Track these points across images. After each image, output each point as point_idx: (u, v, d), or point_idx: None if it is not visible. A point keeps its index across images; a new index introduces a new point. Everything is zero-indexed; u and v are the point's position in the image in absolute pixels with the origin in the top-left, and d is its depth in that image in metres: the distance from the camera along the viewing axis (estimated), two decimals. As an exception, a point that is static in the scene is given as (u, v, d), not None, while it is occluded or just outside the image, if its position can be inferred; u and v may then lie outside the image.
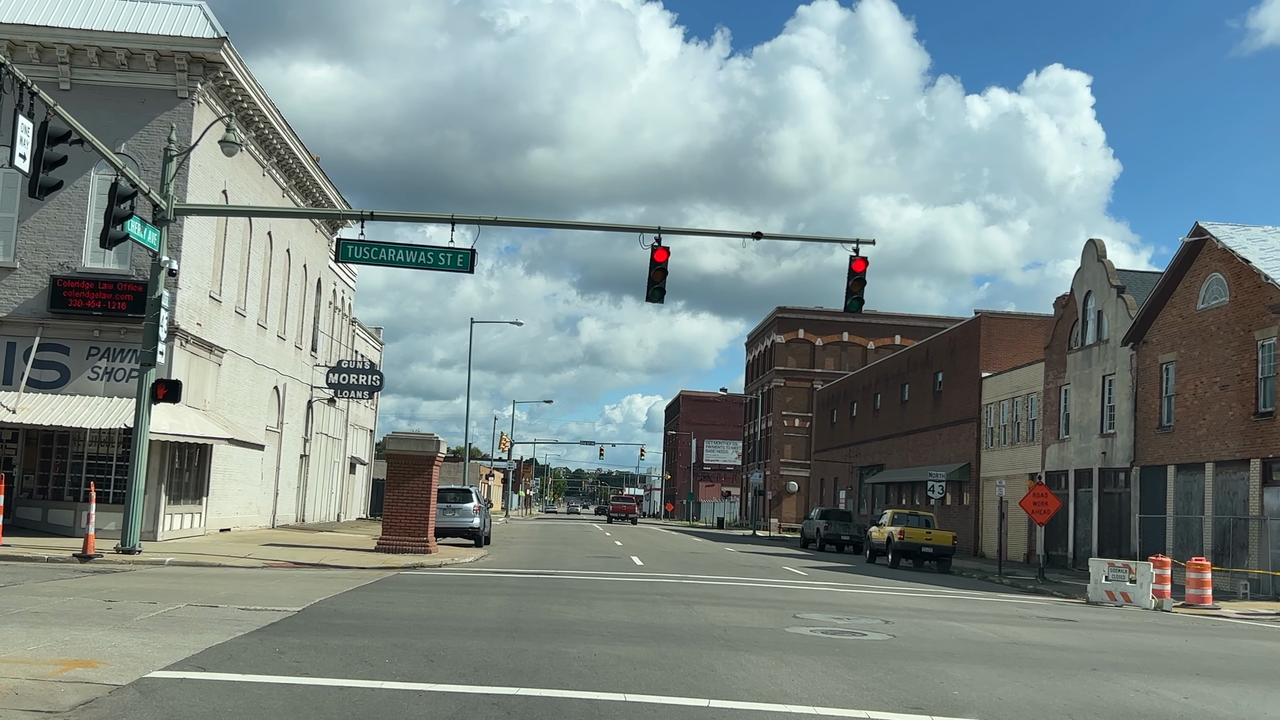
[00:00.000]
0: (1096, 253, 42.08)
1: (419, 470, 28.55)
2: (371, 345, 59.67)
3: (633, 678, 10.51)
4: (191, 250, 28.91)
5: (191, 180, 28.30)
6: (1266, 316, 30.83)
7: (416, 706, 8.78)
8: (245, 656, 10.72)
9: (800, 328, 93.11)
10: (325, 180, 40.89)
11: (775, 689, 10.35)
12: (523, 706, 8.94)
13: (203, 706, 8.43)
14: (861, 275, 24.49)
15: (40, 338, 27.49)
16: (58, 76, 27.89)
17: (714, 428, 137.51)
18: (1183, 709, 10.62)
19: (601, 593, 19.71)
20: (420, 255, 24.85)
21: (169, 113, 28.35)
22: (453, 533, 34.73)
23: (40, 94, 18.44)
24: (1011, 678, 11.95)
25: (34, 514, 27.95)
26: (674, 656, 11.96)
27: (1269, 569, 29.02)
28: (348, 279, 51.54)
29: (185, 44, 28.27)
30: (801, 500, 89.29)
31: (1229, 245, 33.06)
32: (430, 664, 10.78)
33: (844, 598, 21.89)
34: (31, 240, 27.94)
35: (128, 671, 9.57)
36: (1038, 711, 10.06)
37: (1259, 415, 30.70)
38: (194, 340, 29.35)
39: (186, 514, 30.18)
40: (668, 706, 9.26)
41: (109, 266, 28.03)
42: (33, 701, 8.24)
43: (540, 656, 11.46)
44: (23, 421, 26.08)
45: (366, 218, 25.13)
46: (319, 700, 8.83)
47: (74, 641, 11.06)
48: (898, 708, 9.82)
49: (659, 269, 24.32)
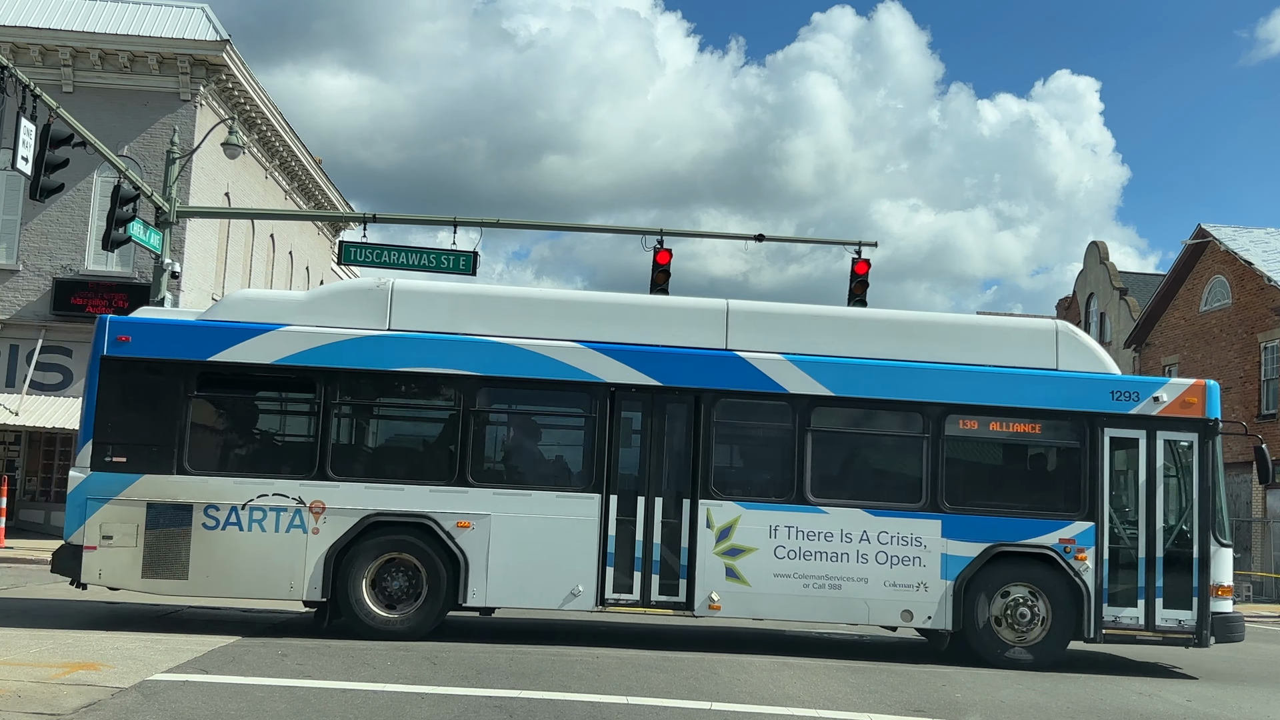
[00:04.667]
0: (1099, 255, 42.06)
1: (421, 472, 28.50)
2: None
3: (635, 680, 10.51)
4: (194, 253, 28.93)
5: (194, 183, 28.32)
6: (1269, 319, 30.81)
7: (419, 709, 8.78)
8: (248, 659, 10.72)
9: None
10: (328, 183, 40.91)
11: (778, 691, 10.34)
12: (525, 709, 8.94)
13: (205, 709, 8.43)
14: (864, 277, 24.46)
15: (43, 340, 27.51)
16: (60, 79, 27.91)
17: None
18: (1185, 711, 10.61)
19: (604, 595, 19.67)
20: (422, 257, 24.81)
21: (172, 115, 28.38)
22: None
23: (43, 96, 18.46)
24: (1014, 679, 11.93)
25: (37, 516, 27.96)
26: (676, 659, 11.96)
27: (1272, 571, 29.00)
28: (350, 281, 51.54)
29: (188, 46, 28.31)
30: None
31: (1232, 247, 33.04)
32: (433, 666, 10.78)
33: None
34: (34, 243, 27.98)
35: (130, 674, 9.57)
36: (1040, 713, 10.05)
37: (1262, 418, 30.68)
38: (196, 342, 29.34)
39: (189, 516, 30.17)
40: (670, 709, 9.25)
41: (112, 269, 28.06)
42: (35, 704, 8.24)
43: (542, 658, 11.46)
44: (26, 424, 26.11)
45: (369, 220, 25.14)
46: (321, 703, 8.83)
47: (77, 644, 11.06)
48: (900, 710, 9.81)
49: (661, 271, 24.30)
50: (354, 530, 12.38)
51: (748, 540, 12.63)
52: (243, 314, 13.02)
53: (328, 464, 12.56)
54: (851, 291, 24.62)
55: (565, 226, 32.81)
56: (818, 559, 12.62)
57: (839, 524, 12.69)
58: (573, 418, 13.04)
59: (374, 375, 12.87)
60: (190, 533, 12.27)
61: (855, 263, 24.56)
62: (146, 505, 12.27)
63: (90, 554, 12.22)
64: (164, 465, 12.39)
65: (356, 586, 12.37)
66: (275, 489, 12.40)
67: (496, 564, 12.46)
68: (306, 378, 12.72)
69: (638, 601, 12.62)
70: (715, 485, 12.77)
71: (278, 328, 12.77)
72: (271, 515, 12.35)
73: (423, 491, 12.56)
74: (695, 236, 30.20)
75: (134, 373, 12.65)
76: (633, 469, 12.88)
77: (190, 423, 12.58)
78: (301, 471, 12.56)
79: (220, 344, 12.69)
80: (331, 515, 12.38)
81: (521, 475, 13.08)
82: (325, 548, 12.33)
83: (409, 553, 12.48)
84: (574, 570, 12.49)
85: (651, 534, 12.67)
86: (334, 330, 12.80)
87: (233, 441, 13.28)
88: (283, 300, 13.36)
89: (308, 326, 12.80)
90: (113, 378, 12.56)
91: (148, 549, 12.22)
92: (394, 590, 12.50)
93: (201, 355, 12.65)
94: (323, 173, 40.00)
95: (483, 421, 13.00)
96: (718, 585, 12.59)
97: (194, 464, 12.48)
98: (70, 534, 12.35)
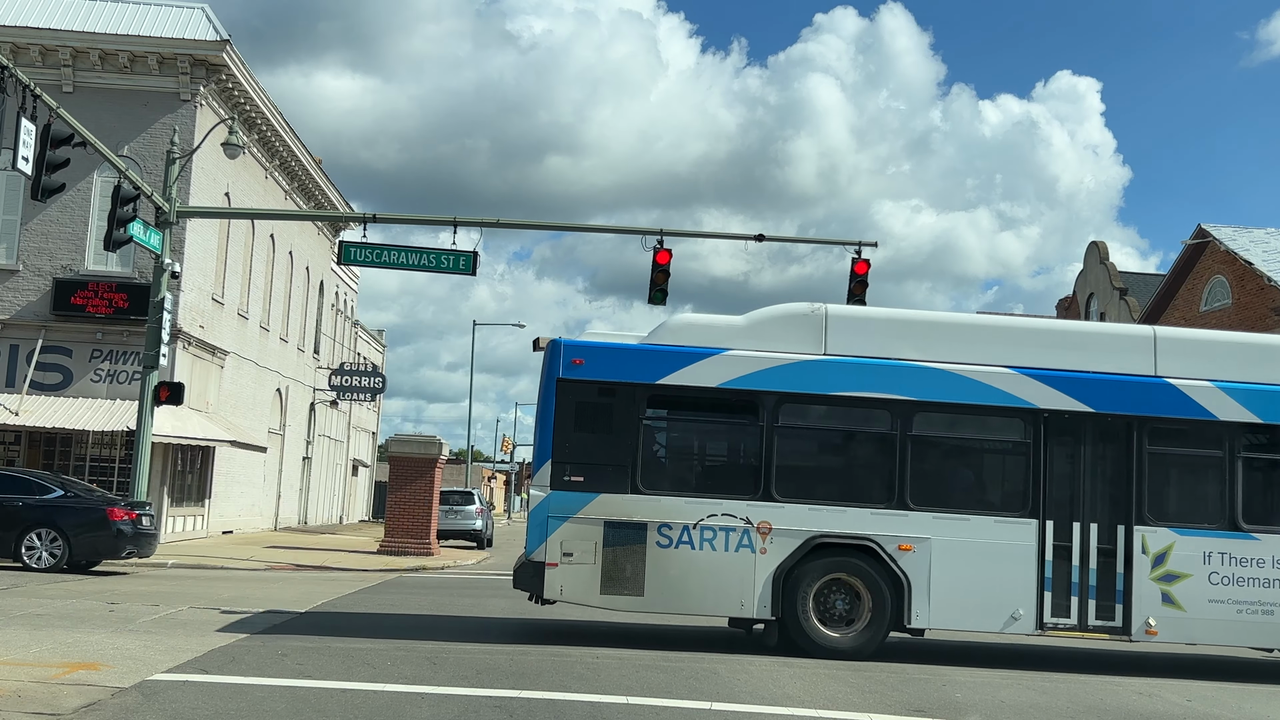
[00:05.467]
0: (1099, 255, 42.06)
1: (421, 473, 28.56)
2: (374, 348, 59.72)
3: (635, 680, 10.51)
4: (194, 253, 28.94)
5: (194, 183, 28.33)
6: (1270, 319, 30.80)
7: (419, 709, 8.78)
8: (248, 659, 10.72)
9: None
10: (328, 183, 40.93)
11: (778, 691, 10.35)
12: (525, 709, 8.94)
13: (205, 709, 8.42)
14: (864, 277, 24.48)
15: (43, 340, 27.53)
16: (61, 79, 27.92)
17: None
18: (1185, 711, 10.61)
19: (604, 595, 19.66)
20: (422, 257, 24.83)
21: (172, 115, 28.39)
22: (455, 535, 34.75)
23: (43, 96, 18.47)
24: (1014, 679, 11.94)
25: (37, 516, 27.94)
26: (676, 658, 11.96)
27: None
28: (350, 281, 51.59)
29: (188, 46, 28.32)
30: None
31: (1232, 248, 33.03)
32: (433, 666, 10.78)
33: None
34: (34, 243, 27.98)
35: (130, 674, 9.57)
36: (1040, 713, 10.05)
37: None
38: (197, 343, 29.38)
39: (189, 516, 30.20)
40: (670, 709, 9.25)
41: (112, 269, 28.06)
42: (35, 704, 8.24)
43: (542, 658, 11.46)
44: (25, 424, 26.12)
45: (369, 220, 25.16)
46: (321, 703, 8.83)
47: (77, 644, 11.07)
48: (900, 710, 9.81)
49: (661, 271, 24.32)
50: (800, 551, 12.68)
51: (1183, 566, 12.83)
52: (684, 338, 13.34)
53: (772, 485, 12.86)
54: (851, 291, 24.63)
55: (564, 226, 32.78)
56: (1250, 585, 12.86)
57: (1271, 551, 12.89)
58: (1005, 442, 13.29)
59: (813, 399, 13.17)
60: (645, 551, 12.64)
61: (855, 263, 24.59)
62: (604, 524, 12.65)
63: (551, 570, 12.63)
64: (619, 485, 12.76)
65: (804, 606, 12.67)
66: (724, 509, 12.74)
67: (938, 587, 12.73)
68: (749, 400, 13.05)
69: (1075, 626, 12.86)
70: (1149, 511, 12.97)
71: (720, 352, 13.13)
72: (721, 535, 12.69)
73: (864, 514, 12.83)
74: (695, 237, 30.23)
75: (587, 394, 13.02)
76: (1066, 494, 13.05)
77: (642, 444, 12.97)
78: (747, 492, 12.86)
79: (667, 367, 13.06)
80: (778, 536, 12.71)
81: (958, 499, 13.17)
82: (773, 567, 12.66)
83: (853, 574, 12.78)
84: (1012, 594, 12.76)
85: (1087, 559, 12.89)
86: (773, 355, 13.12)
87: (681, 462, 13.60)
88: (722, 325, 13.59)
89: (748, 351, 13.14)
90: (568, 399, 12.94)
91: (605, 566, 12.62)
92: (836, 610, 12.82)
93: (650, 378, 13.02)
94: (323, 173, 40.02)
95: (919, 445, 13.12)
96: (1154, 611, 12.80)
97: (646, 484, 12.83)
98: (532, 551, 12.73)
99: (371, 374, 46.72)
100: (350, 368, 46.68)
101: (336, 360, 48.28)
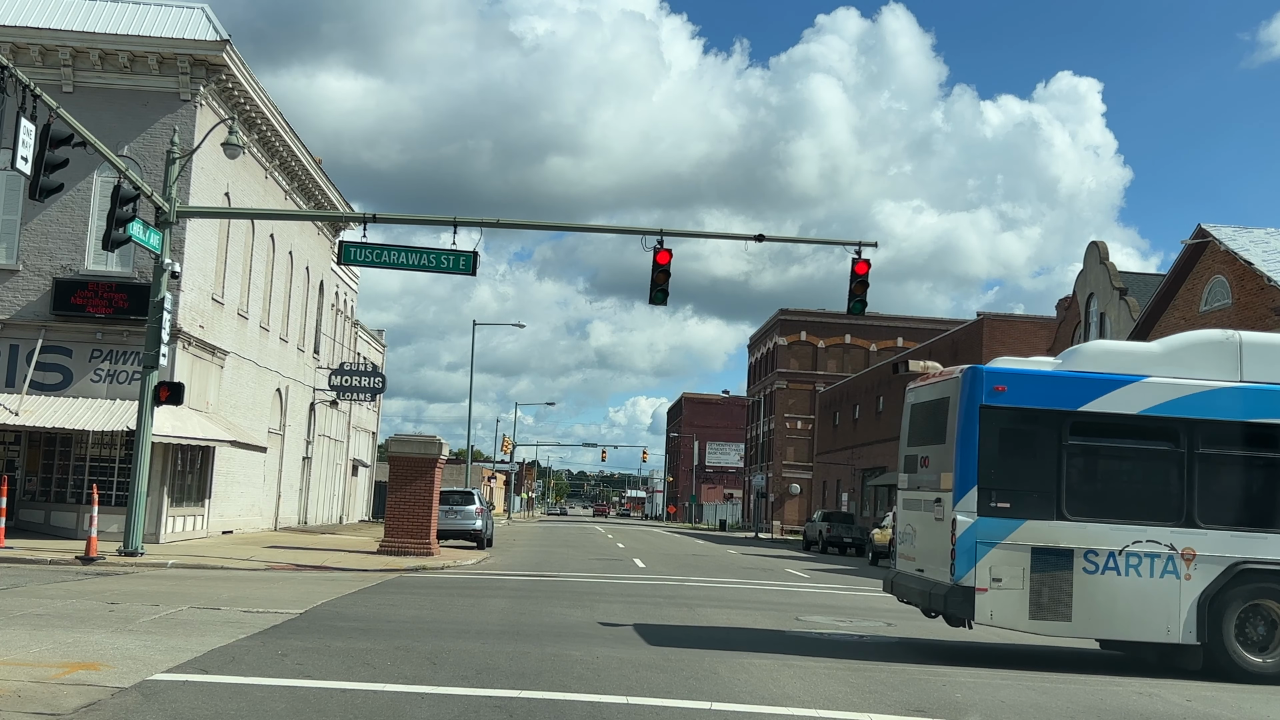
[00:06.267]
0: (1099, 255, 42.05)
1: (421, 472, 28.56)
2: (374, 347, 59.71)
3: (635, 680, 10.51)
4: (194, 253, 28.94)
5: (194, 183, 28.33)
6: (1270, 319, 30.79)
7: (419, 709, 8.78)
8: (248, 659, 10.72)
9: (803, 330, 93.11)
10: (328, 183, 40.93)
11: (778, 691, 10.35)
12: (525, 709, 8.94)
13: (205, 709, 8.43)
14: (864, 278, 24.50)
15: (43, 340, 27.52)
16: (60, 79, 27.92)
17: (716, 430, 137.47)
18: (1185, 711, 10.61)
19: (604, 595, 19.70)
20: (422, 257, 24.85)
21: (171, 115, 28.38)
22: (455, 535, 34.74)
23: (43, 96, 18.47)
24: (1014, 679, 11.94)
25: (37, 516, 27.99)
26: (676, 658, 11.96)
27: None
28: (350, 281, 51.59)
29: (188, 46, 28.31)
30: (804, 503, 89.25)
31: (1231, 247, 33.01)
32: (433, 666, 10.78)
33: (846, 600, 21.88)
34: (34, 243, 27.98)
35: (130, 674, 9.58)
36: (1040, 713, 10.05)
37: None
38: (196, 342, 29.38)
39: (189, 516, 30.20)
40: (670, 709, 9.26)
41: (111, 269, 28.05)
42: (35, 704, 8.24)
43: (542, 659, 11.46)
44: (25, 424, 26.11)
45: (369, 220, 25.17)
46: (321, 703, 8.83)
47: (77, 644, 11.07)
48: (900, 710, 9.81)
49: (661, 271, 24.34)
50: (1224, 577, 12.76)
51: None
52: (1100, 365, 13.45)
53: (1195, 512, 12.94)
54: (851, 292, 24.66)
55: (565, 227, 32.79)
56: None
57: None
58: None
59: (1232, 426, 13.20)
60: (1072, 577, 12.72)
61: (855, 263, 24.60)
62: (1031, 549, 12.73)
63: (982, 596, 12.70)
64: (1044, 511, 12.85)
65: (1228, 632, 12.76)
66: (1148, 535, 12.83)
67: None
68: (1170, 428, 13.11)
69: None
70: None
71: (1139, 379, 13.21)
72: (1145, 561, 12.80)
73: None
74: (695, 237, 30.23)
75: (1010, 421, 13.11)
76: None
77: (1065, 470, 13.02)
78: (1170, 519, 12.93)
79: (1089, 394, 13.15)
80: (1201, 563, 12.81)
81: None
82: (1197, 594, 12.75)
83: (1275, 600, 12.84)
84: None
85: None
86: (1192, 382, 13.21)
87: (1104, 489, 13.53)
88: (1137, 352, 13.75)
89: (1166, 378, 13.22)
90: (991, 426, 13.01)
91: (1033, 592, 12.71)
92: (1255, 636, 12.89)
93: (1072, 405, 13.10)
94: (323, 173, 40.02)
95: None
96: None
97: (1071, 510, 12.88)
98: (961, 576, 12.79)
99: (371, 374, 46.72)
100: (350, 368, 46.70)
101: (336, 360, 48.28)
